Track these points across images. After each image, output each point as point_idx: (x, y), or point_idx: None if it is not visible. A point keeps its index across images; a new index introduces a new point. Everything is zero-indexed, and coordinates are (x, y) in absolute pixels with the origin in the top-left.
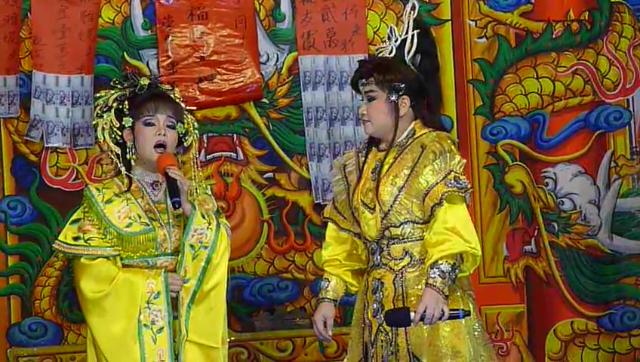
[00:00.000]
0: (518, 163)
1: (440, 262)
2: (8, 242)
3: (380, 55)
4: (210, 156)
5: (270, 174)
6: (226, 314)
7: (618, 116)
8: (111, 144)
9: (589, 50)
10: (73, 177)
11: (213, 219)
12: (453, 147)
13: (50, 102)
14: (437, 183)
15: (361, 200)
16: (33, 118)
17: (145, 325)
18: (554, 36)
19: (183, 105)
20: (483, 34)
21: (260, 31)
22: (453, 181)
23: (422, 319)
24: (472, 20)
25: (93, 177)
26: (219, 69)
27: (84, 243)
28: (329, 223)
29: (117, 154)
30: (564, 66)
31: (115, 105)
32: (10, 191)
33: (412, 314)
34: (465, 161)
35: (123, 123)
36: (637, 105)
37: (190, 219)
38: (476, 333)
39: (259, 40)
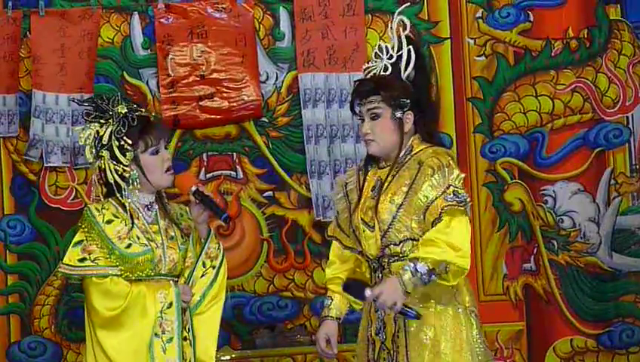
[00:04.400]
0: (517, 181)
1: (420, 260)
2: (8, 261)
3: (371, 74)
4: (210, 175)
5: (270, 193)
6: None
7: (618, 134)
8: (120, 181)
9: (588, 67)
10: (72, 196)
11: (219, 242)
12: (451, 161)
13: (50, 122)
14: (436, 198)
15: (362, 219)
16: (32, 137)
17: (156, 334)
18: (553, 54)
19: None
20: (482, 52)
21: (259, 49)
22: (452, 195)
23: (375, 301)
24: (471, 38)
25: (92, 196)
26: (219, 88)
27: (92, 264)
28: (333, 241)
29: (119, 187)
30: (563, 84)
31: (114, 142)
32: (10, 210)
33: (368, 292)
34: (464, 174)
35: (126, 158)
36: (637, 123)
37: (208, 239)
38: (478, 350)
39: (258, 59)
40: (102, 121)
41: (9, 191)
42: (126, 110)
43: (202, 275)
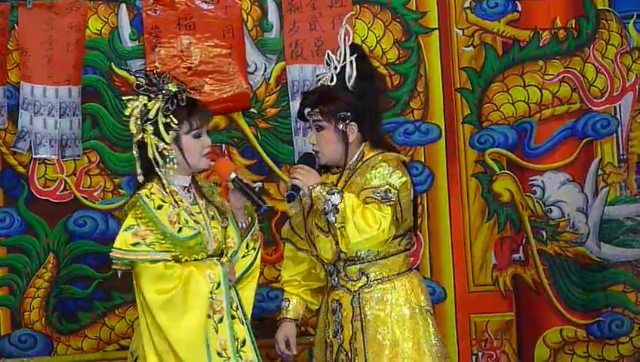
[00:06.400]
0: (505, 171)
1: (341, 197)
2: None
3: (321, 82)
4: None
5: (259, 184)
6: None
7: (605, 124)
8: (159, 158)
9: (576, 57)
10: (61, 188)
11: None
12: (399, 165)
13: (38, 114)
14: (370, 188)
15: (316, 224)
16: (21, 130)
17: (208, 315)
18: (541, 44)
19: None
20: (470, 42)
21: (247, 41)
22: (382, 193)
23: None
24: (460, 29)
25: (81, 188)
26: (207, 79)
27: (148, 248)
28: (286, 244)
29: (157, 164)
30: (551, 74)
31: (161, 119)
32: None
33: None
34: (405, 179)
35: (169, 136)
36: (624, 113)
37: (254, 222)
38: (435, 349)
39: (246, 50)
40: (151, 95)
41: None
42: (176, 89)
43: (244, 256)
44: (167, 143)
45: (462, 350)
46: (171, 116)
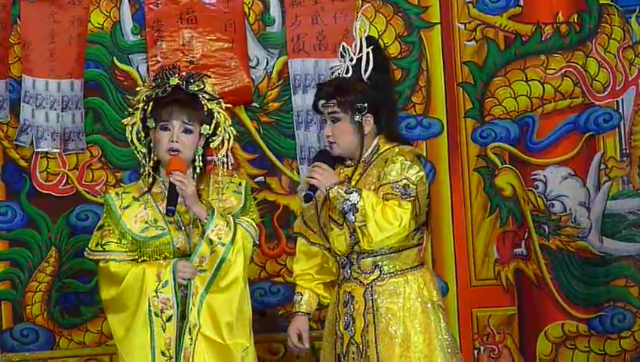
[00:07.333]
0: (507, 166)
1: (360, 195)
2: None
3: (335, 74)
4: None
5: (261, 178)
6: (241, 315)
7: (608, 118)
8: (137, 143)
9: (578, 52)
10: (63, 182)
11: (231, 220)
12: (415, 159)
13: (40, 107)
14: (387, 184)
15: (330, 216)
16: (23, 123)
17: (155, 314)
18: (543, 38)
19: (211, 106)
20: (472, 37)
21: (249, 35)
22: (401, 188)
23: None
24: (462, 23)
25: (83, 182)
26: (208, 73)
27: (101, 249)
28: (299, 238)
29: (143, 154)
30: (553, 69)
31: (141, 105)
32: (1, 196)
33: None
34: (422, 173)
35: (147, 124)
36: (626, 107)
37: (210, 218)
38: (446, 343)
39: (248, 44)
40: (154, 83)
41: (0, 177)
42: (177, 82)
43: (212, 252)
44: (142, 131)
45: (464, 344)
46: (150, 104)
